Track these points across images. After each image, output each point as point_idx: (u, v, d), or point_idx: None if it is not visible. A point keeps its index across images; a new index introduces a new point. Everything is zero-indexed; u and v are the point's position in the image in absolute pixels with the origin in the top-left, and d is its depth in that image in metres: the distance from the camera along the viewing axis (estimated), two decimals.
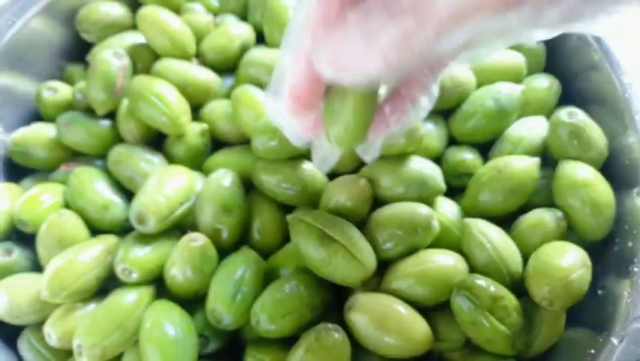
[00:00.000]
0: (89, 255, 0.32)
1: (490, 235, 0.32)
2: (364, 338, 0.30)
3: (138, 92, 0.36)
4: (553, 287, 0.29)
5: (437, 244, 0.33)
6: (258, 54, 0.40)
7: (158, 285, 0.33)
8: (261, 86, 0.38)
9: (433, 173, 0.34)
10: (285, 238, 0.35)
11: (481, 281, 0.30)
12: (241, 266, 0.31)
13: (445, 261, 0.32)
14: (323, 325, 0.29)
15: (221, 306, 0.30)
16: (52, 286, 0.31)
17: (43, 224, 0.34)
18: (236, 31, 0.41)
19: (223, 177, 0.34)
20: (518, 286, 0.31)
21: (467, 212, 0.35)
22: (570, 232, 0.34)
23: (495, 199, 0.34)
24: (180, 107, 0.37)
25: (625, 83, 0.35)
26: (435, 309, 0.31)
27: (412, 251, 0.32)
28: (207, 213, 0.33)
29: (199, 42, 0.42)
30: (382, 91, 0.27)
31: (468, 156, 0.36)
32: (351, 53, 0.20)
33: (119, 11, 0.43)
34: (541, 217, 0.33)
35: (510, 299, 0.30)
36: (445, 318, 0.31)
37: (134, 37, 0.42)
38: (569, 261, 0.30)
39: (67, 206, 0.36)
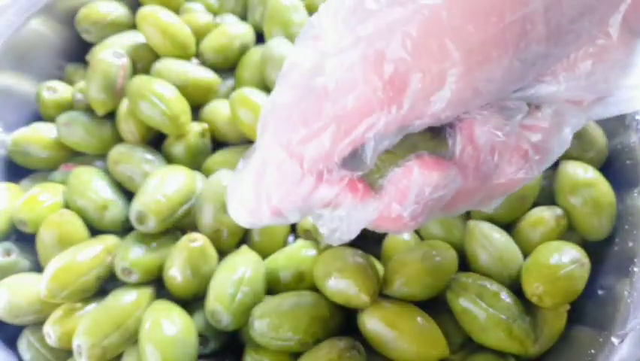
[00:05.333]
0: (89, 255, 0.32)
1: (492, 238, 0.32)
2: (377, 341, 0.30)
3: (138, 92, 0.36)
4: (540, 283, 0.30)
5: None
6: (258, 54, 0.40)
7: (158, 285, 0.33)
8: (260, 85, 0.38)
9: None
10: (285, 240, 0.35)
11: (469, 276, 0.31)
12: (241, 266, 0.31)
13: (438, 257, 0.31)
14: (347, 342, 0.29)
15: (220, 306, 0.30)
16: (52, 286, 0.31)
17: (43, 224, 0.34)
18: (236, 31, 0.41)
19: (224, 178, 0.34)
20: (519, 288, 0.31)
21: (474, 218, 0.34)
22: (571, 232, 0.33)
23: (501, 206, 0.33)
24: (180, 107, 0.37)
25: None
26: (431, 310, 0.31)
27: None
28: (208, 214, 0.33)
29: (199, 42, 0.41)
30: None
31: None
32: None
33: (119, 11, 0.43)
34: (541, 215, 0.33)
35: (499, 288, 0.30)
36: (444, 320, 0.31)
37: (134, 37, 0.41)
38: (559, 258, 0.30)
39: (67, 206, 0.35)
